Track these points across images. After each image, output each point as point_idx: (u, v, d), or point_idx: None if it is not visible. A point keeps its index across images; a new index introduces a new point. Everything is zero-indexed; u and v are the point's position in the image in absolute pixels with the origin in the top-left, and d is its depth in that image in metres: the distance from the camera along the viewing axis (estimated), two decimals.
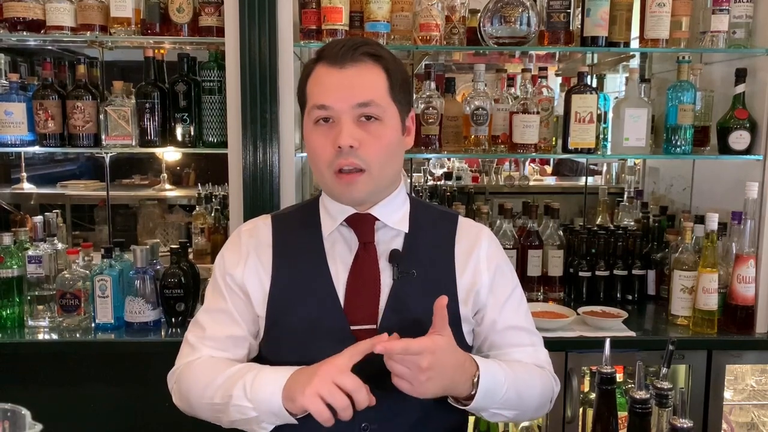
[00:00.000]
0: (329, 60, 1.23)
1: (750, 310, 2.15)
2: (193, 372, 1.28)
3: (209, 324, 1.33)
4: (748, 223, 2.11)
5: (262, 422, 1.18)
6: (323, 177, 1.26)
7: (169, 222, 3.19)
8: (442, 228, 1.37)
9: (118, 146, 2.22)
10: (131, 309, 2.11)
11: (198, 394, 1.25)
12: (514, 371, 1.26)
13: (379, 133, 1.22)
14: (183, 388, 1.29)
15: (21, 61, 3.44)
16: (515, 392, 1.23)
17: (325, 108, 1.21)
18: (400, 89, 1.27)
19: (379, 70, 1.24)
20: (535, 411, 1.33)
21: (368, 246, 1.29)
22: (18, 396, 0.90)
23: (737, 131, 2.18)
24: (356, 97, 1.20)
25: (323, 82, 1.23)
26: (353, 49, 1.22)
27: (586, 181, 3.36)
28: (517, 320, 1.35)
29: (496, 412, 1.24)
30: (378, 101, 1.22)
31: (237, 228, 1.41)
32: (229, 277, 1.32)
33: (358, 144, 1.20)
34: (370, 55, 1.24)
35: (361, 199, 1.27)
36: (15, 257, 2.12)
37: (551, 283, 2.42)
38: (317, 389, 1.08)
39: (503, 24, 2.15)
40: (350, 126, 1.20)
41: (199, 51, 2.33)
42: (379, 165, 1.23)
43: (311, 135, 1.25)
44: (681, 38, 2.18)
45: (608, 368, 1.08)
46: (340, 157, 1.20)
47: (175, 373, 1.33)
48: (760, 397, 2.33)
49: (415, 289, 1.27)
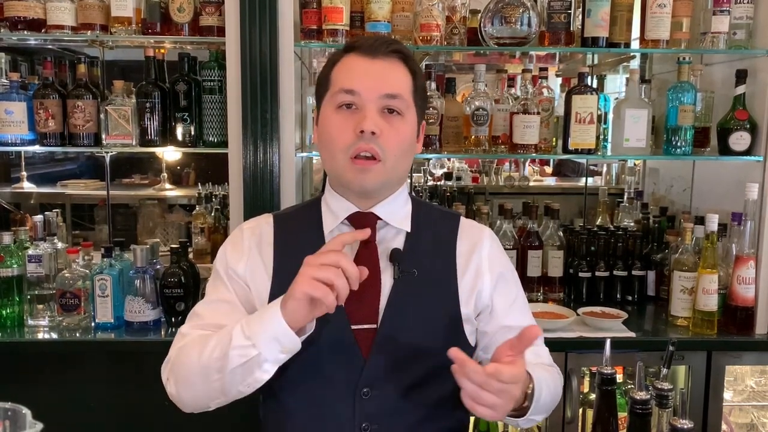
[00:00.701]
0: (361, 50, 1.26)
1: (750, 311, 2.15)
2: (185, 349, 1.22)
3: (207, 313, 1.29)
4: (748, 224, 2.11)
5: (264, 362, 1.11)
6: (335, 162, 1.25)
7: (169, 221, 3.18)
8: (444, 228, 1.36)
9: (118, 145, 2.22)
10: (131, 308, 2.11)
11: (195, 363, 1.17)
12: (541, 375, 1.23)
13: (399, 127, 1.24)
14: (179, 371, 1.22)
15: (22, 61, 3.43)
16: (544, 397, 1.21)
17: (353, 93, 1.22)
18: (420, 95, 1.30)
19: (406, 70, 1.27)
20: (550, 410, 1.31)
21: (369, 245, 1.29)
22: (18, 395, 0.89)
23: (737, 132, 2.18)
24: (385, 87, 1.22)
25: (353, 68, 1.25)
26: (387, 44, 1.26)
27: (586, 181, 3.37)
28: (523, 321, 1.34)
29: (531, 418, 1.21)
30: (404, 96, 1.25)
31: (239, 225, 1.40)
32: (231, 270, 1.31)
33: (380, 132, 1.21)
34: (401, 54, 1.27)
35: (370, 189, 1.26)
36: (15, 256, 2.12)
37: (551, 284, 2.42)
38: (307, 275, 1.06)
39: (504, 24, 2.15)
40: (374, 114, 1.22)
41: (200, 50, 2.33)
42: (394, 157, 1.24)
43: (331, 118, 1.25)
44: (681, 39, 2.18)
45: (608, 369, 1.08)
46: (360, 142, 1.21)
47: (168, 362, 1.27)
48: (759, 398, 2.34)
49: (415, 289, 1.27)
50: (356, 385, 1.22)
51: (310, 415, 1.26)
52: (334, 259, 1.06)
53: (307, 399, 1.26)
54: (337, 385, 1.23)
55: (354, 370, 1.22)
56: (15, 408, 0.74)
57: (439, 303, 1.29)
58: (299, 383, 1.26)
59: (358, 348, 1.23)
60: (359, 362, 1.22)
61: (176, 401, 1.26)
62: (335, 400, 1.23)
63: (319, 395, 1.25)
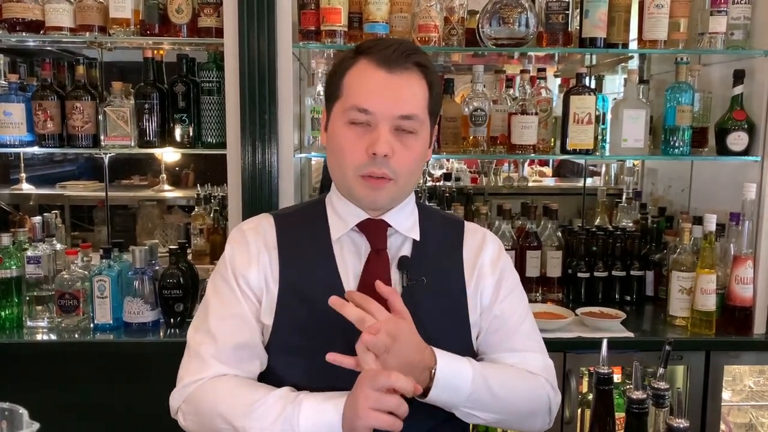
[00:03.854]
0: (378, 59, 1.19)
1: (748, 311, 2.15)
2: (209, 394, 1.18)
3: (221, 332, 1.23)
4: (746, 224, 2.11)
5: None
6: (345, 176, 1.22)
7: (168, 223, 3.19)
8: (449, 235, 1.35)
9: (116, 147, 2.23)
10: (130, 309, 2.11)
11: (232, 412, 1.14)
12: (492, 371, 1.22)
13: (411, 146, 1.21)
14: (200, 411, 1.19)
15: (21, 62, 3.43)
16: (489, 393, 1.19)
17: (367, 113, 1.18)
18: (436, 103, 1.26)
19: (424, 83, 1.21)
20: (525, 418, 1.28)
21: (381, 253, 1.27)
22: (17, 396, 0.89)
23: (735, 132, 2.19)
24: (401, 108, 1.18)
25: (368, 84, 1.19)
26: (405, 55, 1.19)
27: (585, 182, 3.37)
28: (519, 324, 1.32)
29: (469, 412, 1.20)
30: (419, 115, 1.20)
31: (236, 227, 1.33)
32: (242, 279, 1.25)
33: (392, 153, 1.18)
34: (420, 65, 1.21)
35: (382, 206, 1.25)
36: (14, 258, 2.13)
37: (550, 284, 2.43)
38: (365, 407, 1.06)
39: (502, 25, 2.15)
40: (387, 134, 1.17)
41: (198, 52, 2.33)
42: (406, 176, 1.22)
43: (342, 132, 1.21)
44: (679, 39, 2.18)
45: (605, 368, 1.08)
46: (372, 165, 1.18)
47: (185, 391, 1.22)
48: (758, 397, 2.34)
49: (425, 297, 1.25)
50: None
51: None
52: (395, 403, 1.05)
53: None
54: None
55: None
56: (12, 408, 0.74)
57: (448, 310, 1.28)
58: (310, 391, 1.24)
59: None
60: None
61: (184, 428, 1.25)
62: None
63: None
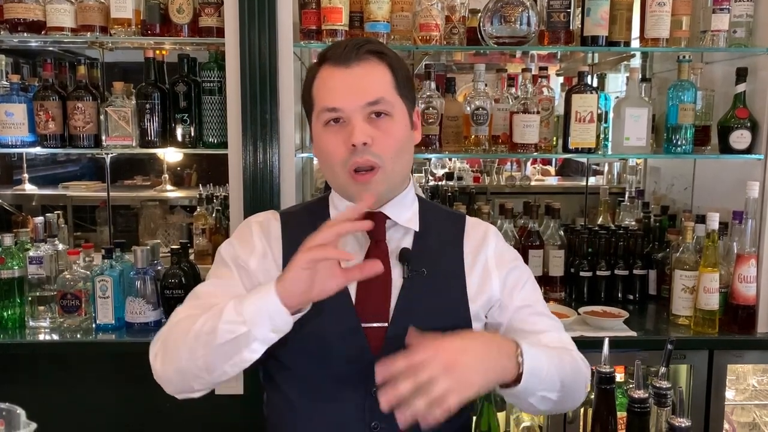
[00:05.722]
0: (334, 60, 1.23)
1: (751, 310, 2.14)
2: (177, 325, 1.19)
3: (206, 293, 1.26)
4: (749, 223, 2.11)
5: (253, 341, 1.08)
6: (337, 177, 1.26)
7: (170, 223, 3.19)
8: (450, 228, 1.37)
9: (118, 147, 2.23)
10: (132, 309, 2.11)
11: (183, 337, 1.14)
12: (548, 350, 1.20)
13: (389, 129, 1.23)
14: (167, 345, 1.19)
15: (23, 63, 3.44)
16: (556, 370, 1.16)
17: (336, 110, 1.22)
18: (404, 85, 1.28)
19: (383, 67, 1.25)
20: (574, 393, 1.24)
21: (380, 244, 1.29)
22: (19, 397, 0.90)
23: (738, 131, 2.18)
24: (365, 96, 1.21)
25: (330, 84, 1.23)
26: (357, 48, 1.23)
27: (587, 180, 3.36)
28: (538, 307, 1.34)
29: (544, 396, 1.16)
30: (387, 98, 1.23)
31: (245, 220, 1.38)
32: (241, 261, 1.29)
33: (371, 141, 1.20)
34: (374, 53, 1.25)
35: (378, 196, 1.26)
36: (16, 258, 2.13)
37: (552, 283, 2.42)
38: (303, 250, 1.05)
39: (503, 24, 2.15)
40: (362, 124, 1.21)
41: (199, 51, 2.33)
42: (391, 160, 1.24)
43: (322, 136, 1.25)
44: (681, 37, 2.18)
45: (607, 367, 1.08)
46: (354, 156, 1.21)
47: (158, 339, 1.23)
48: (762, 396, 2.33)
49: (425, 288, 1.27)
50: (367, 384, 1.21)
51: (319, 414, 1.26)
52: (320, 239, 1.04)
53: (317, 398, 1.25)
54: (347, 384, 1.23)
55: (364, 368, 1.21)
56: (10, 408, 0.74)
57: (448, 301, 1.30)
58: (308, 381, 1.26)
59: (368, 346, 1.23)
60: (370, 360, 1.21)
61: (161, 380, 1.21)
62: (345, 399, 1.23)
63: (329, 394, 1.25)
